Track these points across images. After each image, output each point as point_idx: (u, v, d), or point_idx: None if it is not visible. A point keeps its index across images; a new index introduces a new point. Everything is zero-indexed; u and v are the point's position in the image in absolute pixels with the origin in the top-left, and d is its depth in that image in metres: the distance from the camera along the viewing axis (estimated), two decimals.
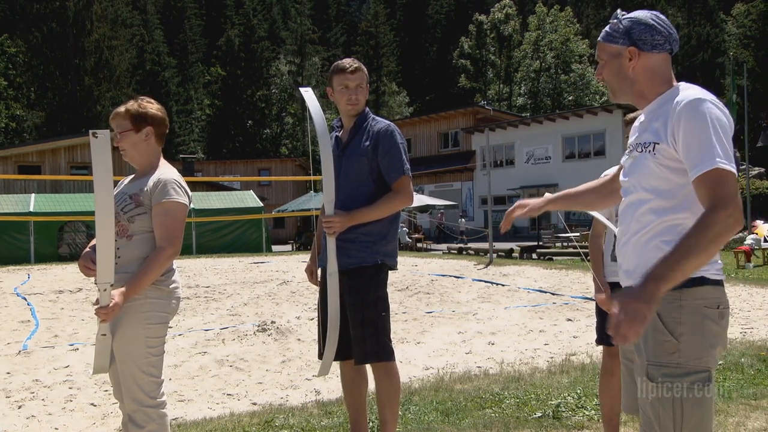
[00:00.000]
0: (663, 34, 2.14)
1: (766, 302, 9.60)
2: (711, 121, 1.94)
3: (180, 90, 71.21)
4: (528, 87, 65.26)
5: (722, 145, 1.91)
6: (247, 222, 28.95)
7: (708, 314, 2.02)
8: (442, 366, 5.93)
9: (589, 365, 5.56)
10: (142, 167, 3.16)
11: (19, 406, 5.16)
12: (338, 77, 3.45)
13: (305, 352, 6.76)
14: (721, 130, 1.94)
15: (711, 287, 2.03)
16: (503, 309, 9.64)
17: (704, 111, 1.96)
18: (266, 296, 11.91)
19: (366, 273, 3.42)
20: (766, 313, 8.55)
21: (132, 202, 3.04)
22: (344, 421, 4.12)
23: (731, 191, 1.87)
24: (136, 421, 2.99)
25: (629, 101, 2.24)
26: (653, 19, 2.15)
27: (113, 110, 3.14)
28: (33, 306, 11.42)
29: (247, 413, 4.59)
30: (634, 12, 2.22)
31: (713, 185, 1.88)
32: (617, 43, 2.17)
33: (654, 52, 2.13)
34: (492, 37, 67.90)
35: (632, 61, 2.14)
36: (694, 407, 1.99)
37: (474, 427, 4.06)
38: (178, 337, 7.85)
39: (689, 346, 2.00)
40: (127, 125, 3.10)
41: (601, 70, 2.24)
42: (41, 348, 7.51)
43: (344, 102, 3.48)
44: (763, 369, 5.36)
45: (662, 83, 2.14)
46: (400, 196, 3.46)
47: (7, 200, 27.56)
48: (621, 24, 2.18)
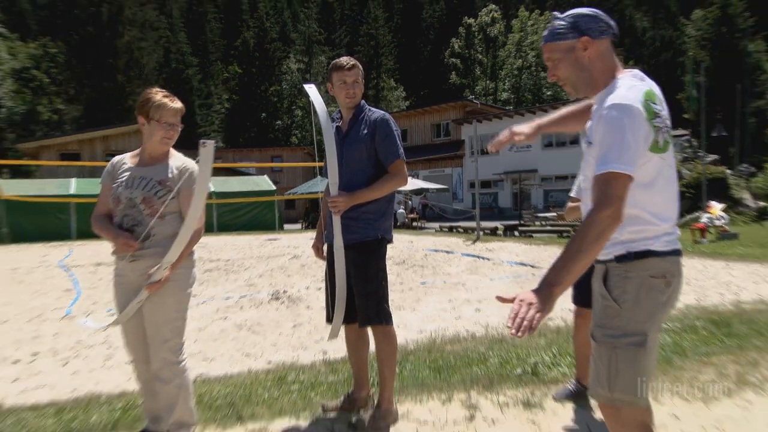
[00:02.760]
0: (604, 20, 2.12)
1: (718, 273, 9.63)
2: (618, 127, 1.91)
3: (201, 86, 70.87)
4: (511, 83, 65.02)
5: (622, 149, 1.88)
6: (262, 203, 28.91)
7: (653, 284, 2.03)
8: (435, 330, 5.96)
9: (564, 328, 5.58)
10: (161, 154, 3.16)
11: (65, 363, 5.23)
12: (337, 74, 3.46)
13: (314, 318, 6.79)
14: (627, 132, 1.90)
15: (657, 259, 2.03)
16: (489, 280, 9.67)
17: (614, 117, 1.93)
18: (279, 269, 11.95)
19: (368, 247, 3.44)
20: (718, 283, 8.58)
21: (163, 187, 3.05)
22: (348, 377, 4.15)
23: (615, 192, 1.86)
24: (163, 377, 3.03)
25: (587, 93, 2.19)
26: (592, 10, 2.13)
27: (170, 103, 3.09)
28: (75, 277, 11.47)
29: (263, 371, 4.62)
30: (571, 10, 2.18)
31: (601, 186, 1.88)
32: (567, 39, 2.12)
33: (602, 38, 2.11)
34: (479, 38, 67.68)
35: (587, 50, 2.10)
36: (627, 364, 2.02)
37: (462, 382, 4.09)
38: (202, 304, 7.89)
39: (629, 312, 2.03)
40: (179, 121, 3.14)
41: (555, 70, 2.18)
42: (83, 313, 7.57)
43: (343, 96, 3.49)
44: (714, 331, 5.41)
45: (611, 68, 2.11)
46: (396, 177, 3.47)
47: (51, 184, 27.70)
48: (564, 22, 2.13)
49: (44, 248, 20.14)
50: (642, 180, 1.99)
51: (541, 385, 4.03)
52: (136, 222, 3.02)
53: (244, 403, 3.80)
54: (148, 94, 3.09)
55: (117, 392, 4.18)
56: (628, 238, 2.04)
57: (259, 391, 4.05)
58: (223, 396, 3.94)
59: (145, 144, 3.15)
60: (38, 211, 24.78)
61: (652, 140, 1.97)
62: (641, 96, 1.97)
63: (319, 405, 3.70)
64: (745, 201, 25.94)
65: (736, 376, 4.14)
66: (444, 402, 3.75)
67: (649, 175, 2.01)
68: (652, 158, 2.00)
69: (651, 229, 2.03)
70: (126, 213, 3.04)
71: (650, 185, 2.01)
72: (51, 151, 37.58)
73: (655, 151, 1.99)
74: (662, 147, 2.00)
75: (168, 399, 3.05)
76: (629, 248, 2.04)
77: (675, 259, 2.07)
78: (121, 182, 3.09)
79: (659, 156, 2.01)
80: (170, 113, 3.06)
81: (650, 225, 2.03)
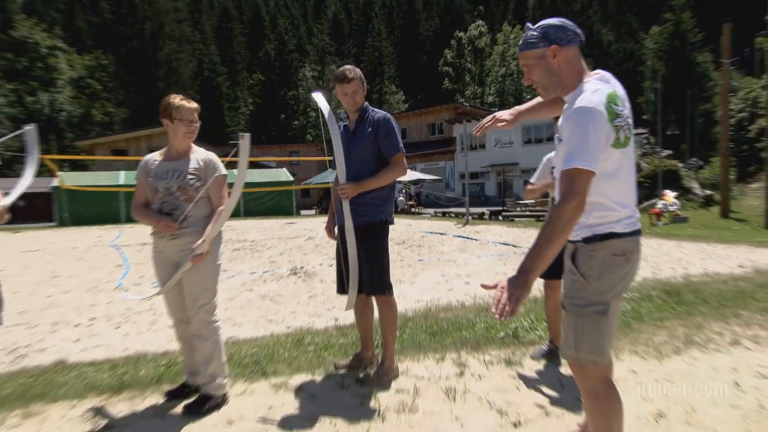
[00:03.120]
0: (571, 29, 2.07)
1: (670, 251, 9.62)
2: (583, 128, 1.88)
3: (230, 92, 70.67)
4: (496, 88, 64.55)
5: (585, 148, 1.85)
6: (281, 192, 28.93)
7: (615, 261, 2.02)
8: (430, 300, 5.97)
9: (540, 298, 5.57)
10: (186, 149, 3.18)
11: (118, 326, 5.26)
12: (338, 86, 3.44)
13: (326, 290, 6.81)
14: (590, 132, 1.87)
15: (618, 239, 2.02)
16: (476, 257, 9.67)
17: (579, 119, 1.90)
18: (296, 248, 11.96)
19: (374, 228, 3.43)
20: (671, 259, 8.57)
21: (195, 177, 3.08)
22: (355, 339, 4.17)
23: (578, 188, 1.83)
24: (202, 335, 3.06)
25: (558, 95, 2.14)
26: (560, 21, 2.09)
27: (186, 104, 3.11)
28: (124, 254, 11.52)
29: (284, 334, 4.64)
30: (542, 21, 2.14)
31: (566, 181, 1.85)
32: (538, 47, 2.07)
33: (570, 46, 2.06)
34: (469, 49, 67.27)
35: (556, 57, 2.05)
36: (591, 329, 2.02)
37: (453, 344, 4.11)
38: (231, 278, 7.92)
39: (594, 285, 2.02)
40: (196, 118, 3.16)
41: (529, 75, 2.14)
42: (132, 285, 7.61)
43: (346, 103, 3.48)
44: (667, 299, 5.42)
45: (579, 72, 2.06)
46: (397, 168, 3.46)
47: (103, 176, 27.92)
48: (535, 32, 2.09)
49: (99, 230, 20.21)
50: (605, 171, 1.97)
51: (520, 346, 4.05)
52: (174, 207, 3.06)
53: (267, 362, 3.82)
54: (168, 99, 3.13)
55: (161, 351, 4.21)
56: (593, 222, 2.04)
57: (280, 351, 4.07)
58: (249, 355, 3.97)
59: (172, 141, 3.17)
60: (93, 198, 24.90)
61: (614, 138, 1.94)
62: (604, 99, 1.94)
63: (331, 363, 3.72)
64: (694, 190, 25.86)
65: (684, 338, 4.15)
66: (438, 361, 3.77)
67: (612, 167, 1.99)
68: (614, 153, 1.97)
69: (613, 214, 2.02)
70: (164, 200, 3.07)
71: (612, 176, 2.00)
72: (103, 147, 37.64)
73: (617, 146, 1.96)
74: (623, 143, 1.98)
75: (205, 355, 3.07)
76: (594, 231, 2.04)
77: (635, 239, 2.06)
78: (156, 175, 3.11)
79: (620, 151, 1.98)
80: (188, 112, 3.10)
81: (613, 211, 2.02)
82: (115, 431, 2.84)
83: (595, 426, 2.09)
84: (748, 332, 4.30)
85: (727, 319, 4.65)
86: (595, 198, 1.99)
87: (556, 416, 2.90)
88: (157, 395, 3.28)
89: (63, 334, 5.02)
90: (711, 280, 6.56)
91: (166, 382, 3.45)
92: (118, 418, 2.99)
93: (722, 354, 3.83)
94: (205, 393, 3.07)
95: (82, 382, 3.54)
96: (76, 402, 3.21)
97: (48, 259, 11.18)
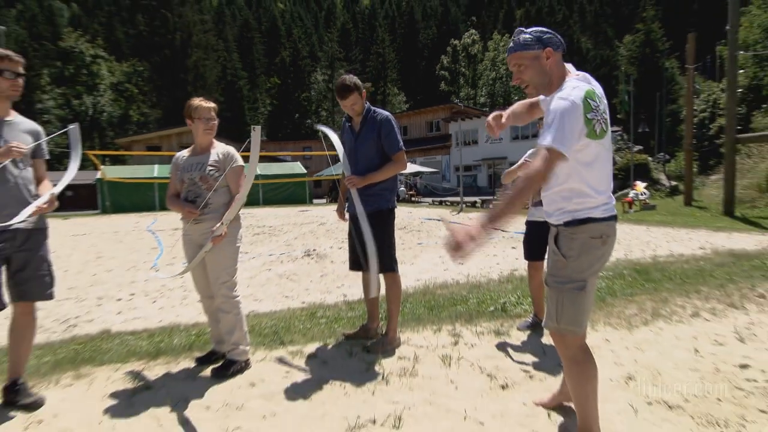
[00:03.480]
0: (558, 38, 2.07)
1: (640, 235, 9.58)
2: (561, 116, 1.86)
3: (250, 94, 70.33)
4: (488, 90, 63.97)
5: (560, 131, 1.84)
6: (296, 183, 28.87)
7: (592, 243, 2.01)
8: (428, 278, 5.98)
9: (526, 277, 5.58)
10: (208, 144, 3.18)
11: (153, 301, 5.30)
12: (339, 100, 3.42)
13: (336, 270, 6.82)
14: (566, 120, 1.85)
15: (595, 223, 2.00)
16: None
17: (559, 108, 1.88)
18: (309, 233, 11.97)
19: (382, 214, 3.43)
20: (641, 242, 8.55)
21: (214, 168, 3.09)
22: (362, 313, 4.19)
23: (547, 163, 1.82)
24: (224, 308, 3.08)
25: (545, 93, 2.12)
26: (549, 29, 2.09)
27: (204, 104, 3.12)
28: (159, 238, 11.55)
29: (298, 308, 4.66)
30: (533, 27, 2.11)
31: (540, 157, 1.84)
32: (534, 49, 2.05)
33: (558, 51, 2.06)
34: (463, 55, 66.63)
35: (549, 59, 2.04)
36: (570, 303, 2.02)
37: (449, 317, 4.12)
38: (252, 259, 7.94)
39: (573, 264, 2.02)
40: (214, 116, 3.15)
41: (521, 75, 2.10)
42: (166, 265, 7.64)
43: (348, 112, 3.47)
44: (637, 277, 5.41)
45: (563, 74, 2.06)
46: (397, 164, 3.44)
47: (140, 169, 27.94)
48: (530, 36, 2.06)
49: (136, 217, 20.26)
50: (584, 160, 1.96)
51: (508, 319, 4.06)
52: (196, 195, 3.07)
53: (284, 332, 3.83)
54: (189, 102, 3.14)
55: (191, 323, 4.23)
56: (573, 208, 2.02)
57: (296, 323, 4.09)
58: (269, 326, 3.98)
59: (195, 139, 3.19)
60: (131, 189, 24.94)
61: (590, 129, 1.92)
62: (582, 94, 1.92)
63: (341, 333, 3.73)
64: (661, 181, 25.68)
65: (651, 311, 4.15)
66: (435, 331, 3.77)
67: (590, 156, 1.97)
68: (591, 144, 1.95)
69: (591, 201, 2.01)
70: (189, 189, 3.09)
71: (590, 165, 1.98)
72: (139, 144, 37.59)
73: (592, 137, 1.94)
74: (599, 134, 1.95)
75: (228, 325, 3.08)
76: (574, 216, 2.02)
77: (610, 223, 2.05)
78: (183, 168, 3.14)
79: (597, 142, 1.96)
80: (205, 111, 3.11)
81: (590, 197, 2.00)
82: (153, 391, 2.86)
83: (573, 387, 2.10)
84: (707, 305, 4.29)
85: (689, 294, 4.64)
86: (574, 185, 1.98)
87: (539, 379, 2.91)
88: (189, 360, 3.30)
89: (107, 307, 5.05)
90: (675, 260, 6.54)
91: (196, 349, 3.48)
92: (156, 380, 3.01)
93: (684, 325, 3.83)
94: (230, 359, 3.09)
95: (124, 348, 3.56)
96: (119, 365, 3.23)
97: (93, 242, 11.22)
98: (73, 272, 7.21)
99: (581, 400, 2.08)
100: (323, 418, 2.50)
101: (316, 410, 2.58)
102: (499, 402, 2.62)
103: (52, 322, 4.51)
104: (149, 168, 28.03)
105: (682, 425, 2.36)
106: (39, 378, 3.04)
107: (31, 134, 2.74)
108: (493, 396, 2.70)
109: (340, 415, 2.52)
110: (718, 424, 2.35)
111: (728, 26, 13.29)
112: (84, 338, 3.88)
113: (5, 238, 2.57)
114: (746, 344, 3.40)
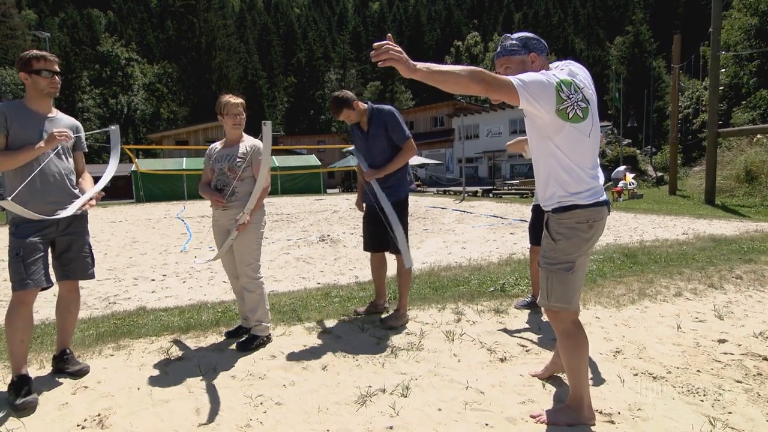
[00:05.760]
0: (542, 43, 2.04)
1: (629, 222, 9.50)
2: (535, 74, 1.84)
3: (268, 92, 70.28)
4: None
5: (527, 78, 1.80)
6: (311, 174, 28.82)
7: (579, 228, 1.99)
8: (433, 261, 5.97)
9: (523, 260, 5.58)
10: (237, 138, 3.17)
11: (183, 281, 5.33)
12: (333, 115, 3.40)
13: (349, 254, 6.82)
14: (536, 80, 1.80)
15: (582, 209, 1.97)
16: (471, 227, 9.64)
17: (537, 73, 1.88)
18: (324, 220, 11.97)
19: (400, 203, 3.44)
20: (629, 228, 8.46)
21: (242, 160, 3.08)
22: (372, 293, 4.19)
23: (498, 81, 1.75)
24: (249, 288, 3.10)
25: None
26: (535, 35, 2.05)
27: (232, 100, 3.09)
28: (188, 224, 11.62)
29: (314, 288, 4.67)
30: (519, 33, 2.07)
31: (500, 75, 1.82)
32: (520, 54, 2.03)
33: (542, 56, 2.04)
34: (465, 56, 65.94)
35: (534, 63, 2.02)
36: (560, 282, 2.02)
37: (452, 296, 4.12)
38: (272, 244, 7.97)
39: (562, 247, 2.01)
40: (241, 111, 3.14)
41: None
42: (194, 249, 7.69)
43: (346, 121, 3.45)
44: (625, 260, 5.36)
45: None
46: (408, 151, 3.44)
47: (170, 162, 28.06)
48: (516, 42, 2.03)
49: (167, 205, 20.37)
50: (561, 144, 1.91)
51: (507, 298, 4.05)
52: (225, 184, 3.08)
53: (302, 310, 3.85)
54: (219, 98, 3.13)
55: (218, 301, 4.25)
56: (560, 195, 1.99)
57: (312, 302, 4.10)
58: (288, 305, 4.00)
59: (226, 132, 3.18)
60: (162, 180, 25.05)
61: (561, 108, 1.86)
62: (558, 78, 1.88)
63: (353, 310, 3.75)
64: (648, 172, 25.39)
65: (638, 291, 4.13)
66: (440, 310, 3.78)
67: (567, 140, 1.91)
68: (565, 126, 1.89)
69: (574, 187, 1.96)
70: (218, 179, 3.10)
71: (570, 150, 1.93)
72: (169, 139, 37.65)
73: (564, 118, 1.87)
74: (572, 118, 1.88)
75: (252, 303, 3.11)
76: (561, 204, 2.00)
77: (597, 208, 1.99)
78: (215, 159, 3.14)
79: (571, 125, 1.89)
80: (233, 107, 3.09)
81: (573, 184, 1.96)
82: (185, 361, 2.90)
83: (566, 359, 2.10)
84: (689, 286, 4.26)
85: (673, 276, 4.61)
86: (561, 175, 1.95)
87: (535, 353, 2.91)
88: (216, 334, 3.33)
89: (142, 287, 5.11)
90: (660, 244, 6.49)
91: (222, 325, 3.51)
92: (186, 352, 3.05)
93: (668, 303, 3.80)
94: (254, 333, 3.12)
95: (158, 323, 3.61)
96: (154, 338, 3.28)
97: (129, 228, 11.32)
98: (112, 255, 7.28)
99: (573, 371, 2.08)
100: (337, 387, 2.52)
101: (331, 380, 2.61)
102: (498, 373, 2.63)
103: (95, 300, 4.57)
104: (178, 161, 28.13)
105: (664, 394, 2.35)
106: (84, 349, 3.09)
107: (72, 129, 2.75)
108: (493, 368, 2.70)
109: (353, 384, 2.54)
110: (698, 393, 2.35)
111: (711, 28, 13.03)
112: (122, 314, 3.92)
113: (51, 223, 2.60)
114: (724, 321, 3.39)
